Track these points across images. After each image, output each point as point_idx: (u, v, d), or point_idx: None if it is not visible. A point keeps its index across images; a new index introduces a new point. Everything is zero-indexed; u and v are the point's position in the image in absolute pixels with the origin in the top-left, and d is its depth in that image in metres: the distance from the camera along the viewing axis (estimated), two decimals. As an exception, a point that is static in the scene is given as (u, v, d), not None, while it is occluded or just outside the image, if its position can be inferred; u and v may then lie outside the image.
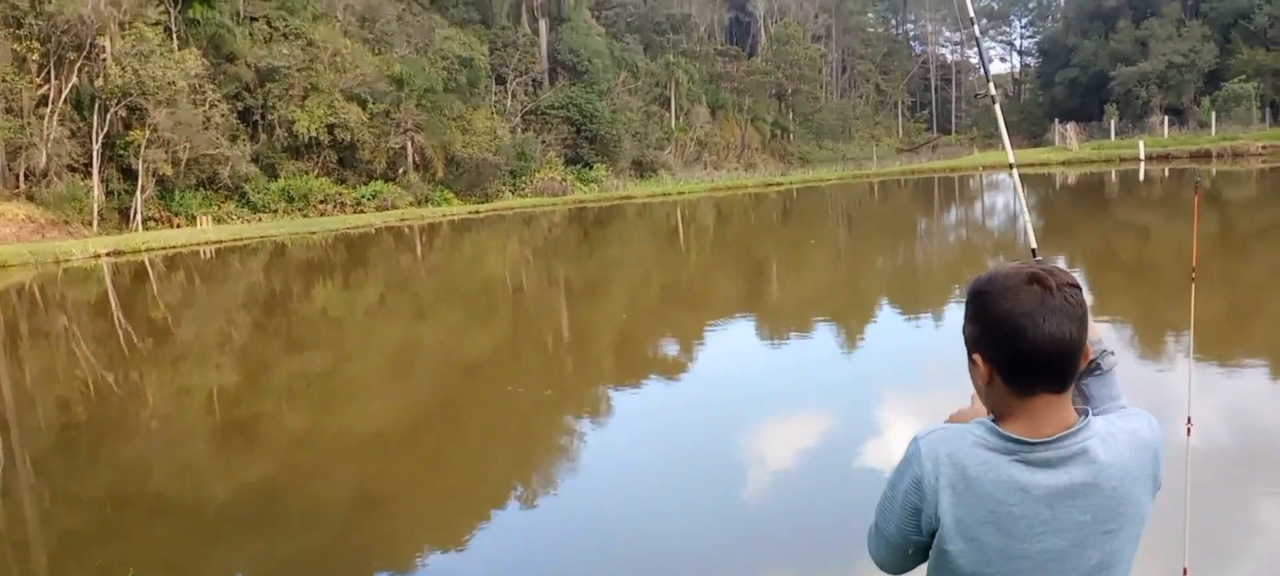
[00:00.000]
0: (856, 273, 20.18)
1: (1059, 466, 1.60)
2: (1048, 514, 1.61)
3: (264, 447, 9.30)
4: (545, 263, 26.14)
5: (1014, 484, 1.60)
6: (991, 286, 1.63)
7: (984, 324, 1.63)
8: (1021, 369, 1.60)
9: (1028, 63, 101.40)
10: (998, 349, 1.61)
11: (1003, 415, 1.65)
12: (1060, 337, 1.57)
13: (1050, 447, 1.60)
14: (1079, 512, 1.61)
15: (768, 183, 56.29)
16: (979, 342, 1.65)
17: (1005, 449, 1.61)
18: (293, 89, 44.23)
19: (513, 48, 57.85)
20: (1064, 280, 1.61)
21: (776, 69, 75.65)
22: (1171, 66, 63.01)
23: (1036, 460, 1.60)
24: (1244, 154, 46.38)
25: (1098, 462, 1.61)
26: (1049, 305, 1.57)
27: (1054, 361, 1.59)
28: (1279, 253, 18.05)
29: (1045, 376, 1.60)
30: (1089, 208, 32.40)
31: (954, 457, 1.63)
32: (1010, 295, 1.60)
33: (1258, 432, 7.33)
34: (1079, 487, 1.61)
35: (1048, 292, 1.58)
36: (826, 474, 7.11)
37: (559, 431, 8.87)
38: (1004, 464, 1.61)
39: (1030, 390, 1.61)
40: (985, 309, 1.63)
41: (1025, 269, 1.62)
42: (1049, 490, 1.60)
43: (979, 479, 1.61)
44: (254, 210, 42.37)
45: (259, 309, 19.81)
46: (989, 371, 1.63)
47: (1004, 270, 1.65)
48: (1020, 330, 1.57)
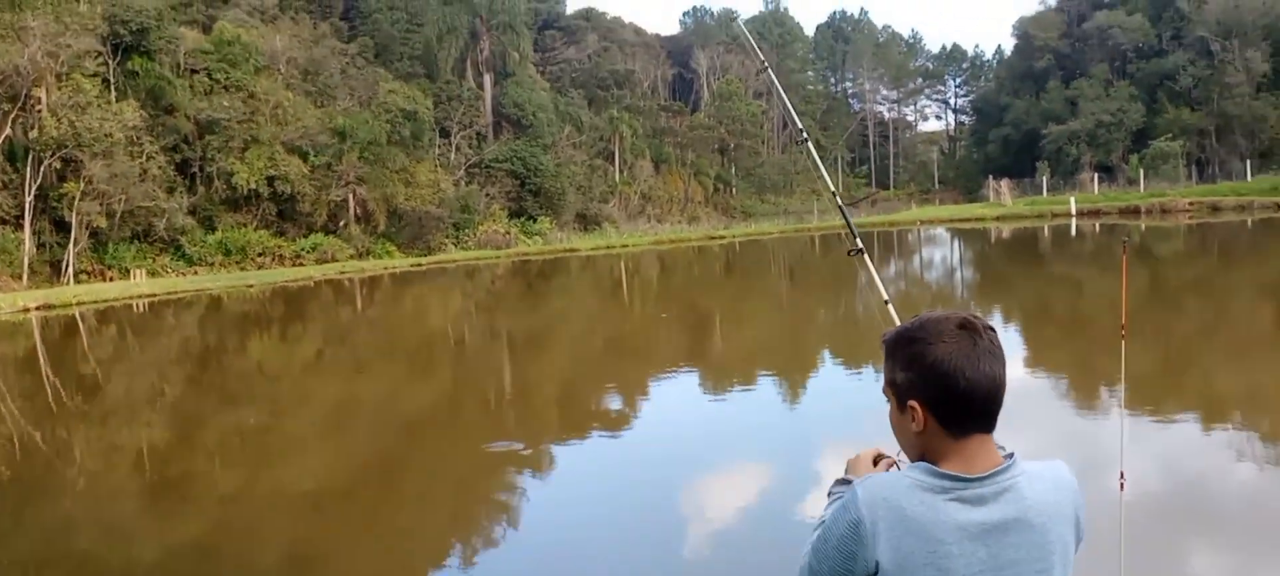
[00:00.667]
0: (798, 325, 20.35)
1: (992, 502, 1.65)
2: (984, 552, 1.65)
3: (195, 506, 9.03)
4: (488, 316, 25.97)
5: (951, 522, 1.64)
6: (924, 333, 1.69)
7: (918, 370, 1.68)
8: (958, 411, 1.66)
9: (962, 120, 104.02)
10: (936, 394, 1.66)
11: (937, 458, 1.69)
12: (993, 378, 1.66)
13: (984, 484, 1.66)
14: (1012, 549, 1.66)
15: (711, 236, 56.76)
16: (912, 390, 1.69)
17: (941, 487, 1.65)
18: (232, 141, 43.67)
19: (457, 101, 57.90)
20: (986, 325, 1.69)
21: (719, 124, 76.63)
22: (1100, 125, 65.05)
23: (971, 497, 1.65)
24: (1172, 210, 47.91)
25: (1026, 499, 1.67)
26: (980, 348, 1.65)
27: (988, 402, 1.66)
28: (1207, 306, 18.59)
29: (979, 417, 1.67)
30: (1023, 262, 33.15)
31: (890, 501, 1.66)
32: (944, 341, 1.66)
33: (1190, 486, 7.48)
34: (1011, 523, 1.66)
35: (977, 336, 1.66)
36: (767, 527, 7.10)
37: (499, 487, 8.75)
38: (940, 503, 1.64)
39: (965, 431, 1.67)
40: (919, 355, 1.68)
41: (953, 316, 1.69)
42: (984, 526, 1.65)
43: (917, 519, 1.64)
44: (190, 263, 41.56)
45: (193, 364, 19.37)
46: (925, 417, 1.68)
47: (932, 318, 1.71)
48: (957, 373, 1.64)
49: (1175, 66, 64.35)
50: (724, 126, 76.58)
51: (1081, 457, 8.44)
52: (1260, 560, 5.91)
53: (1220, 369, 12.36)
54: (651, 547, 6.84)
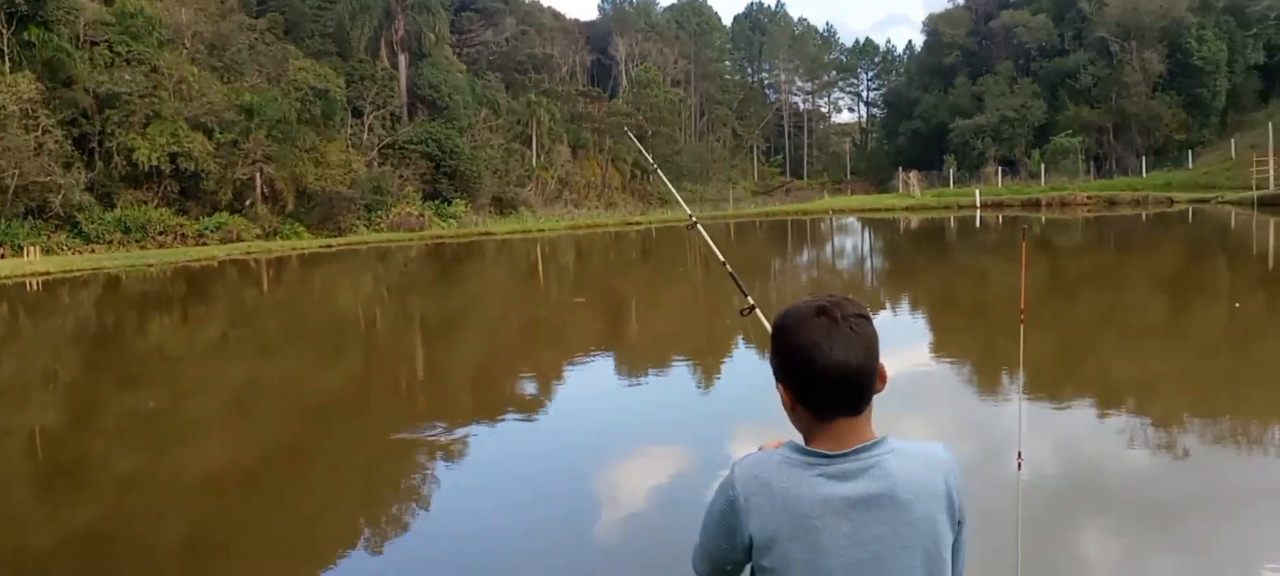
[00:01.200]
0: (713, 310, 20.51)
1: (857, 478, 1.72)
2: (848, 526, 1.72)
3: (91, 492, 8.72)
4: (401, 299, 25.59)
5: (816, 497, 1.72)
6: (786, 320, 1.78)
7: (782, 355, 1.77)
8: (815, 394, 1.74)
9: (874, 113, 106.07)
10: (793, 377, 1.76)
11: (808, 438, 1.79)
12: (846, 365, 1.71)
13: (848, 460, 1.73)
14: (877, 524, 1.72)
15: (627, 221, 56.82)
16: (779, 372, 1.79)
17: (807, 463, 1.74)
18: (134, 116, 42.07)
19: (371, 81, 56.72)
20: (851, 311, 1.74)
21: (637, 111, 76.72)
22: (1004, 120, 66.98)
23: (835, 472, 1.72)
24: (1070, 203, 49.62)
25: (893, 476, 1.73)
26: (835, 335, 1.71)
27: (842, 385, 1.72)
28: (1103, 296, 19.31)
29: (836, 400, 1.74)
30: (930, 252, 33.98)
31: (761, 477, 1.75)
32: (801, 327, 1.74)
33: (1084, 466, 7.78)
34: (876, 498, 1.72)
35: (834, 323, 1.72)
36: (677, 507, 7.15)
37: (409, 474, 8.64)
38: (807, 477, 1.73)
39: (827, 414, 1.75)
40: (782, 341, 1.77)
41: (815, 302, 1.76)
42: (848, 500, 1.72)
43: (784, 493, 1.73)
44: (87, 241, 40.00)
45: (89, 345, 18.66)
46: (790, 398, 1.78)
47: (798, 305, 1.79)
48: (810, 359, 1.71)
49: (1076, 65, 66.61)
50: (642, 113, 76.69)
51: (979, 440, 8.71)
52: (1148, 537, 6.18)
53: (1115, 356, 12.86)
54: (562, 531, 6.84)
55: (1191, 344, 13.89)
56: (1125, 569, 5.74)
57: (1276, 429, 8.72)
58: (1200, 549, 5.96)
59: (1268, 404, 9.69)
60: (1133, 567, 5.73)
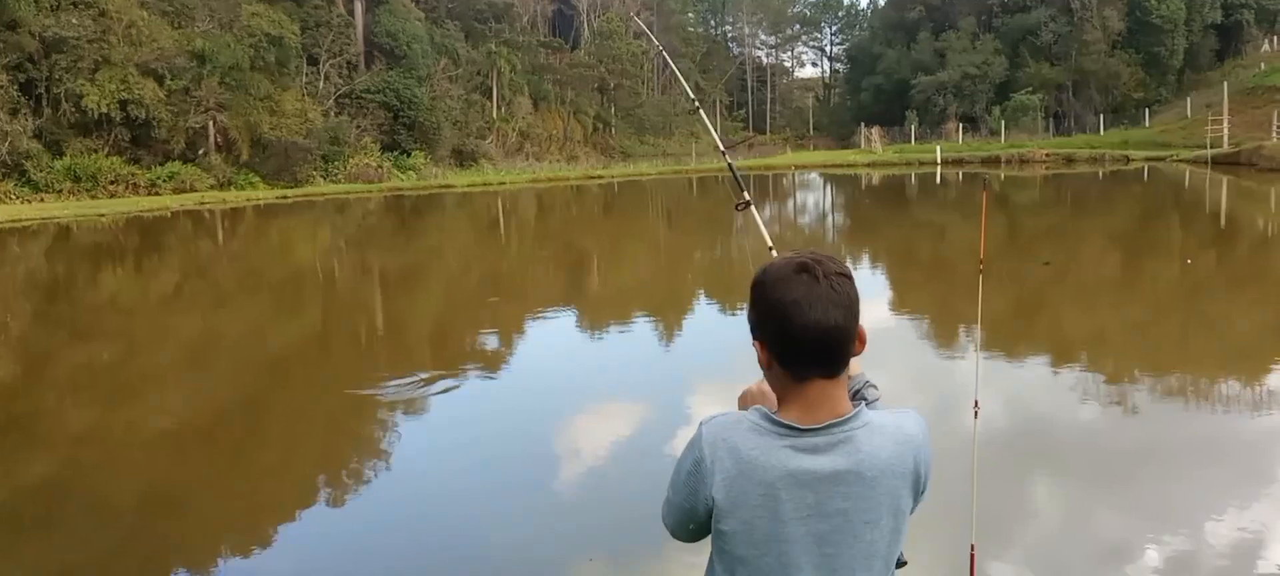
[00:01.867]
0: (674, 265, 20.54)
1: (825, 453, 1.70)
2: (812, 498, 1.71)
3: (43, 445, 8.58)
4: (358, 251, 25.34)
5: (783, 468, 1.70)
6: (766, 276, 1.74)
7: (760, 311, 1.74)
8: (793, 353, 1.71)
9: (837, 68, 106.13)
10: (771, 334, 1.72)
11: (782, 399, 1.76)
12: (826, 324, 1.68)
13: (819, 434, 1.70)
14: (842, 499, 1.71)
15: (589, 175, 56.60)
16: (757, 329, 1.76)
17: (777, 433, 1.71)
18: (82, 61, 40.94)
19: (326, 27, 55.61)
20: (833, 270, 1.71)
21: (599, 63, 76.09)
22: (966, 77, 67.37)
23: (805, 446, 1.70)
24: (1029, 160, 50.21)
25: (862, 452, 1.71)
26: (816, 293, 1.68)
27: (821, 345, 1.69)
28: (1060, 250, 19.58)
29: (815, 360, 1.70)
30: (891, 207, 34.24)
31: (729, 442, 1.73)
32: (781, 284, 1.70)
33: (1038, 417, 7.92)
34: (842, 474, 1.71)
35: (815, 281, 1.68)
36: (639, 463, 7.19)
37: (369, 426, 8.60)
38: (776, 448, 1.71)
39: (804, 375, 1.72)
40: (761, 297, 1.74)
41: (795, 259, 1.73)
42: (815, 475, 1.70)
43: (752, 462, 1.71)
44: (35, 190, 39.08)
45: (40, 296, 18.30)
46: (768, 356, 1.74)
47: (778, 261, 1.76)
48: (789, 317, 1.68)
49: (1037, 22, 67.02)
50: (604, 65, 76.08)
51: (937, 390, 8.84)
52: (1099, 486, 6.31)
53: (1069, 311, 13.08)
54: (527, 481, 6.85)
55: (1144, 299, 14.15)
56: (1076, 515, 5.86)
57: (1224, 383, 8.92)
58: (1149, 499, 6.11)
59: (1216, 358, 9.91)
60: (1084, 514, 5.86)
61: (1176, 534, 5.51)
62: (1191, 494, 6.14)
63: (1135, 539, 5.48)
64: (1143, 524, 5.69)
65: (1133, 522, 5.74)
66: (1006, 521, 5.67)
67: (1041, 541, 5.54)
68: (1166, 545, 5.37)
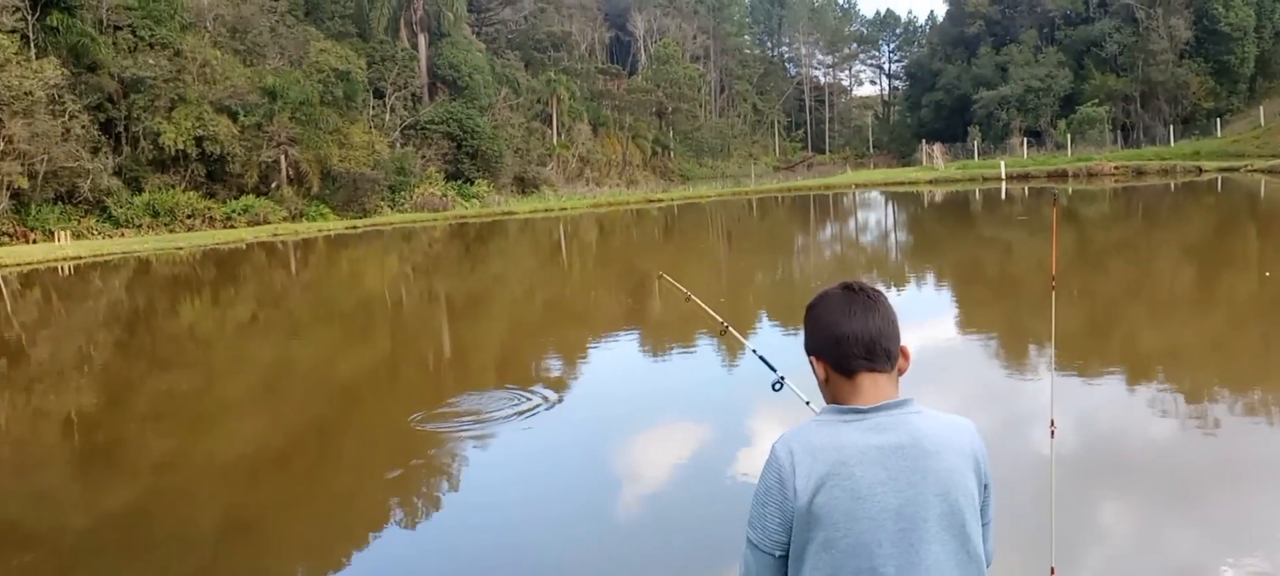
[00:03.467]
0: (737, 287, 20.49)
1: (887, 430, 1.92)
2: (882, 472, 1.89)
3: (126, 473, 8.86)
4: (425, 279, 25.72)
5: (852, 444, 1.91)
6: (815, 300, 2.06)
7: (810, 328, 2.05)
8: (842, 354, 1.97)
9: (896, 85, 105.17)
10: (822, 342, 2.01)
11: (839, 400, 2.00)
12: (865, 323, 1.97)
13: (878, 414, 1.93)
14: (909, 471, 1.90)
15: (649, 199, 56.75)
16: (810, 346, 2.05)
17: (842, 418, 1.95)
18: (159, 100, 42.38)
19: (391, 62, 56.81)
20: (868, 287, 2.03)
21: (657, 87, 76.43)
22: (1029, 90, 66.26)
23: (867, 425, 1.92)
24: (1098, 173, 49.10)
25: (919, 430, 1.93)
26: (855, 303, 2.00)
27: (865, 341, 1.96)
28: (1133, 266, 19.14)
29: (860, 355, 1.96)
30: (955, 224, 33.76)
31: (801, 439, 1.95)
32: (828, 301, 2.03)
33: (1114, 435, 7.75)
34: (905, 447, 1.91)
35: (853, 294, 2.01)
36: (705, 487, 7.18)
37: (437, 450, 8.72)
38: (842, 428, 1.93)
39: (852, 369, 1.97)
40: (811, 317, 2.05)
41: (840, 283, 2.05)
42: (881, 448, 1.90)
43: (824, 445, 1.91)
44: (116, 225, 40.42)
45: (122, 328, 18.90)
46: (823, 367, 2.01)
47: (825, 288, 2.07)
48: (835, 322, 1.99)
49: (1101, 33, 65.71)
50: (662, 90, 76.42)
51: (1011, 410, 8.69)
52: (1178, 506, 6.16)
53: (1145, 326, 12.77)
54: (591, 509, 6.89)
55: (1222, 314, 13.75)
56: (1155, 536, 5.72)
57: (1310, 398, 8.64)
58: (1228, 520, 5.93)
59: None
60: (1163, 535, 5.72)
61: (1254, 554, 5.35)
62: (1273, 515, 5.95)
63: (1214, 561, 5.34)
64: (1222, 545, 5.54)
65: (1211, 544, 5.59)
66: (1085, 543, 5.55)
67: (1120, 563, 5.42)
68: (1245, 567, 5.22)
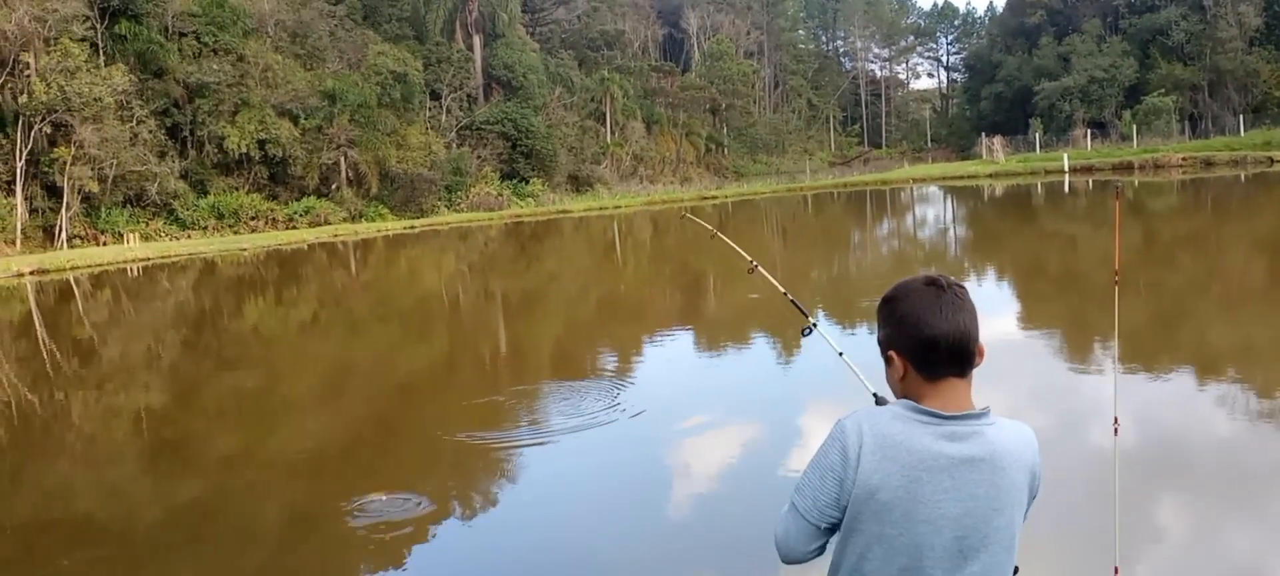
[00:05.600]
0: (793, 284, 20.38)
1: (963, 440, 1.89)
2: (949, 481, 1.88)
3: (195, 468, 9.08)
4: (482, 277, 25.97)
5: (927, 451, 1.88)
6: (897, 292, 1.98)
7: (893, 323, 1.96)
8: (928, 354, 1.91)
9: (955, 78, 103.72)
10: (908, 341, 1.93)
11: (918, 400, 1.94)
12: (956, 325, 1.90)
13: (956, 422, 1.89)
14: (975, 484, 1.88)
15: (703, 196, 56.67)
16: (892, 341, 1.97)
17: (920, 420, 1.90)
18: (223, 104, 43.39)
19: (447, 63, 57.46)
20: (953, 282, 1.95)
21: (710, 84, 76.26)
22: (1093, 81, 64.90)
23: (945, 432, 1.89)
24: (1165, 165, 47.91)
25: (994, 444, 1.90)
26: (944, 301, 1.91)
27: (955, 346, 1.90)
28: (1201, 260, 18.67)
29: (948, 360, 1.91)
30: (1016, 219, 33.20)
31: (876, 426, 1.90)
32: (912, 297, 1.94)
33: (1180, 433, 7.56)
34: (977, 461, 1.88)
35: (941, 291, 1.92)
36: (764, 484, 7.16)
37: (495, 450, 8.80)
38: (919, 431, 1.89)
39: (937, 374, 1.92)
40: (893, 311, 1.97)
41: (921, 276, 1.97)
42: (953, 459, 1.88)
43: (900, 442, 1.88)
44: (183, 227, 41.46)
45: (188, 327, 19.37)
46: (903, 364, 1.94)
47: (905, 280, 1.99)
48: (924, 322, 1.90)
49: (1168, 21, 64.11)
50: (715, 86, 76.25)
51: (1074, 405, 8.53)
52: (1246, 506, 6.00)
53: (1213, 322, 12.44)
54: (648, 508, 6.91)
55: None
56: (1222, 536, 5.58)
57: (1389, 394, 8.35)
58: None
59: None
60: (1229, 535, 5.58)
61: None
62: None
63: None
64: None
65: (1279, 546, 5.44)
66: (1149, 542, 5.44)
67: (1184, 563, 5.30)
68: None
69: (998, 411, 1.97)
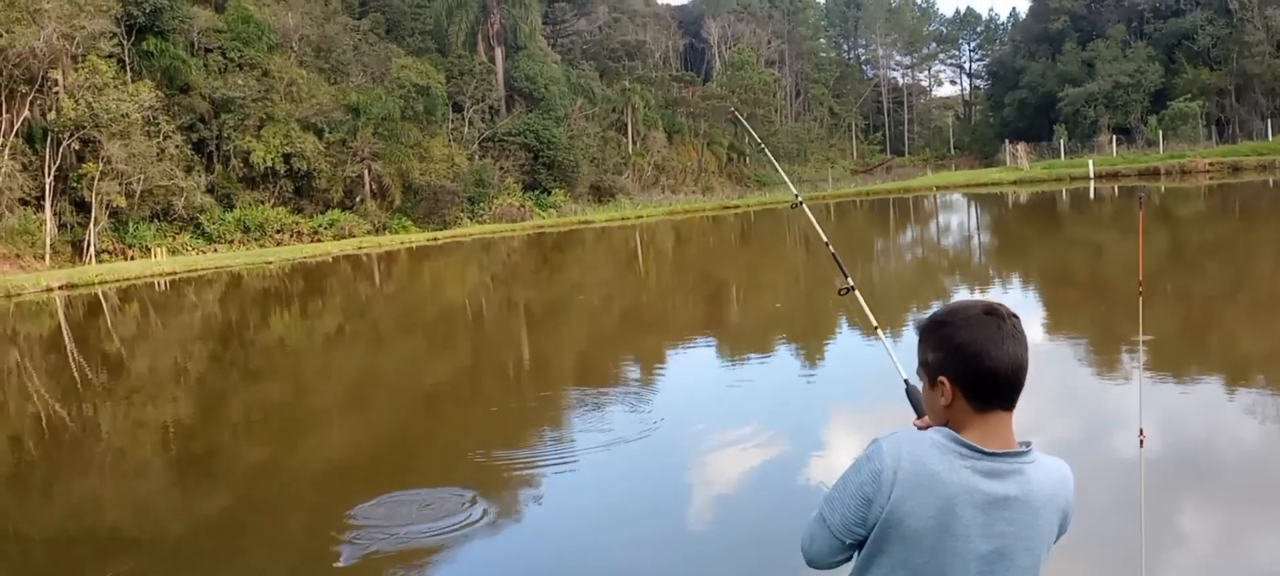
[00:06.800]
0: (814, 293, 20.33)
1: (1002, 478, 1.84)
2: (982, 519, 1.84)
3: (222, 480, 9.17)
4: (505, 288, 26.06)
5: (963, 486, 1.83)
6: (954, 318, 1.90)
7: (948, 350, 1.88)
8: (983, 387, 1.85)
9: (978, 85, 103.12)
10: (963, 370, 1.86)
11: (959, 429, 1.88)
12: (1016, 358, 1.85)
13: (998, 459, 1.84)
14: (1007, 524, 1.85)
15: (725, 205, 56.65)
16: (943, 367, 1.89)
17: (961, 453, 1.85)
18: (248, 119, 43.81)
19: (469, 76, 57.76)
20: (1010, 312, 1.89)
21: (732, 93, 76.20)
22: (1118, 87, 64.35)
23: (985, 469, 1.84)
24: (1192, 171, 47.44)
25: (1031, 483, 1.86)
26: (1004, 332, 1.85)
27: (1010, 380, 1.85)
28: (1227, 266, 18.48)
29: (1001, 393, 1.86)
30: (1041, 226, 32.97)
31: (914, 454, 1.85)
32: (971, 325, 1.86)
33: (1206, 443, 7.49)
34: (1013, 500, 1.85)
35: (1001, 321, 1.86)
36: (787, 496, 7.16)
37: (519, 461, 8.84)
38: (959, 466, 1.84)
39: (988, 405, 1.86)
40: (949, 338, 1.88)
41: (979, 303, 1.91)
42: (990, 497, 1.83)
43: (934, 475, 1.83)
44: (209, 241, 41.84)
45: (215, 340, 19.55)
46: (954, 392, 1.87)
47: (961, 304, 1.93)
48: (983, 353, 1.84)
49: (1193, 25, 63.51)
50: (737, 95, 76.20)
51: (1099, 415, 8.47)
52: (1272, 513, 5.94)
53: (1240, 331, 12.32)
54: (666, 518, 6.92)
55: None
56: (1249, 548, 5.52)
57: None
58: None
59: None
60: (1257, 548, 5.52)
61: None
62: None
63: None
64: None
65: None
66: (1174, 553, 5.39)
67: (1215, 571, 5.25)
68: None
69: (1024, 423, 1.95)
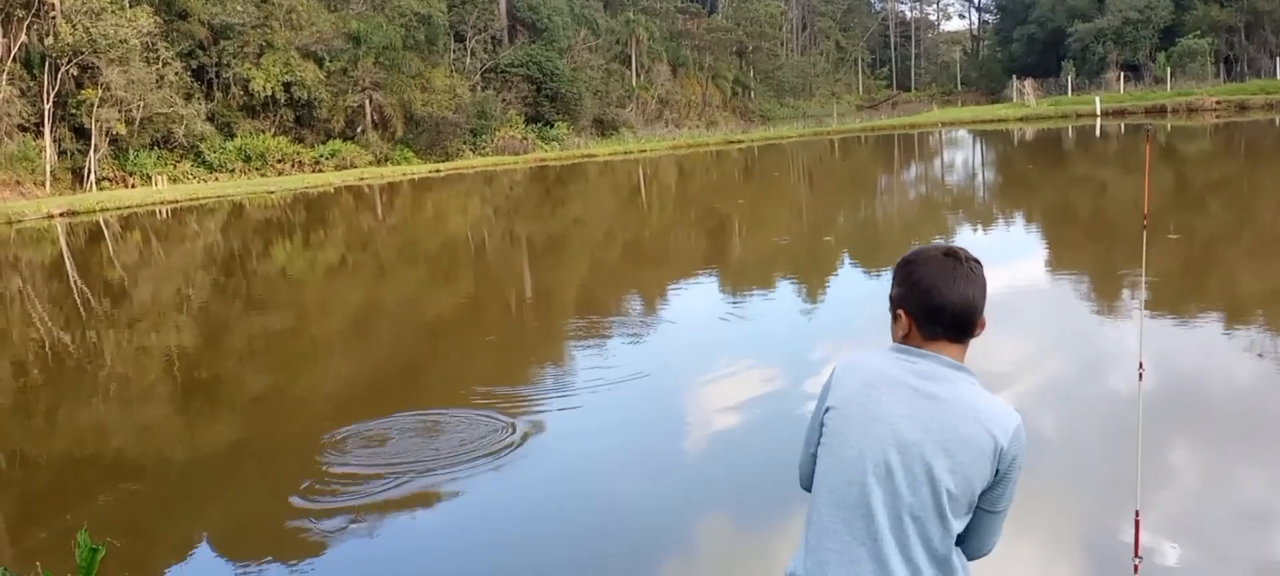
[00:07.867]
0: (817, 229, 20.30)
1: (930, 380, 1.99)
2: (904, 408, 1.98)
3: (225, 408, 9.24)
4: (507, 221, 26.02)
5: (891, 372, 2.02)
6: (916, 257, 2.08)
7: (907, 286, 2.06)
8: (932, 320, 2.03)
9: (986, 19, 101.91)
10: (916, 304, 2.04)
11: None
12: (966, 297, 2.01)
13: (929, 361, 2.02)
14: (929, 417, 1.96)
15: (729, 140, 56.28)
16: (902, 301, 2.07)
17: (897, 353, 2.06)
18: (247, 46, 43.37)
19: (471, 4, 56.96)
20: (969, 256, 2.05)
21: (737, 26, 75.31)
22: (1127, 22, 63.56)
23: (917, 369, 2.01)
24: (1199, 109, 47.04)
25: (959, 391, 1.98)
26: (959, 272, 2.02)
27: (957, 315, 2.01)
28: (1232, 205, 18.40)
29: (948, 325, 2.02)
30: (1047, 162, 32.78)
31: (855, 356, 2.10)
32: (930, 264, 2.04)
33: (1205, 379, 7.52)
34: (939, 398, 1.97)
35: (958, 263, 2.03)
36: (770, 421, 7.21)
37: (520, 394, 8.89)
38: (892, 360, 2.04)
39: (934, 335, 2.04)
40: (909, 275, 2.06)
41: (941, 246, 2.08)
42: (914, 389, 1.99)
43: (865, 366, 2.06)
44: (210, 170, 41.68)
45: (217, 269, 19.57)
46: (908, 323, 2.06)
47: (927, 246, 2.11)
48: (934, 288, 2.02)
49: (1207, -39, 62.53)
50: (742, 28, 75.30)
51: (1100, 349, 8.50)
52: (1270, 450, 5.97)
53: (1243, 268, 12.30)
54: (669, 454, 6.98)
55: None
56: (1244, 482, 5.57)
57: None
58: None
59: None
60: (1253, 481, 5.56)
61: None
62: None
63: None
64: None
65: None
66: (1171, 486, 5.43)
67: (1206, 508, 5.29)
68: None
69: (1025, 357, 1.96)
